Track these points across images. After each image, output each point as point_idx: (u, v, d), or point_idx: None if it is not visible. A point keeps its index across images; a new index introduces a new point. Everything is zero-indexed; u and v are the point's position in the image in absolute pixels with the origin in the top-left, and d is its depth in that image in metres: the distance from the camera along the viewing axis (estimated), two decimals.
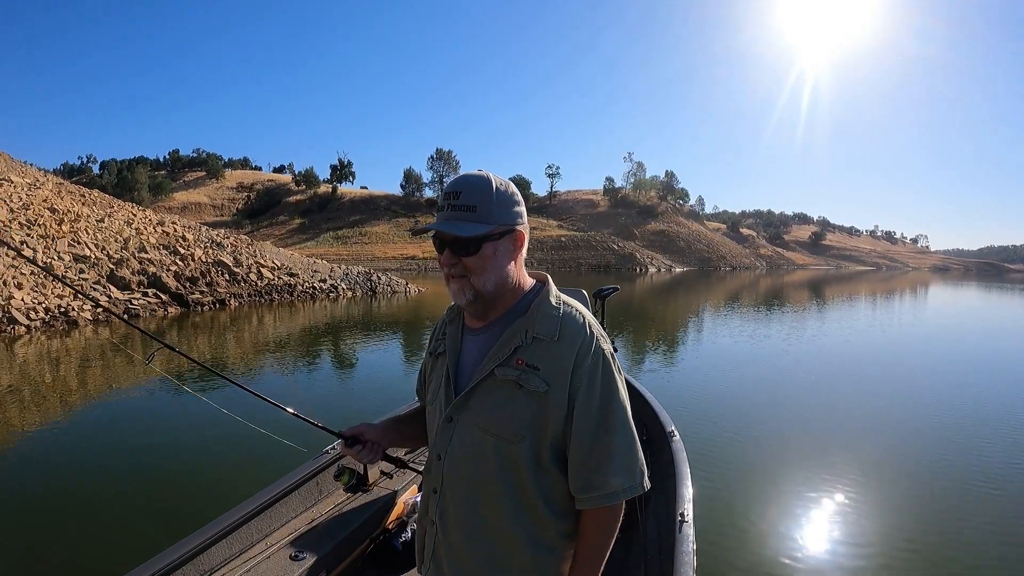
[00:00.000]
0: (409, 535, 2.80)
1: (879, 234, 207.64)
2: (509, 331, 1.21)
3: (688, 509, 2.38)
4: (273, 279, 22.12)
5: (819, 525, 4.36)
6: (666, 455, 3.06)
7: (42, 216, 18.34)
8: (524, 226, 1.24)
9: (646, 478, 1.22)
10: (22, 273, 14.49)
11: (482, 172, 1.22)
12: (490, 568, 1.24)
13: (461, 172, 1.49)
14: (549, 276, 1.31)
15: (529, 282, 1.28)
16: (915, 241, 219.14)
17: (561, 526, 1.23)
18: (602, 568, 1.25)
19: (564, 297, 1.27)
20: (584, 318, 1.23)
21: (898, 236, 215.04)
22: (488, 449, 1.20)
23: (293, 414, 1.67)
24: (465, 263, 1.18)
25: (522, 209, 1.24)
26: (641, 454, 1.22)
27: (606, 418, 1.18)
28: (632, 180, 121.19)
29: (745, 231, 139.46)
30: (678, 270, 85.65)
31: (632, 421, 1.22)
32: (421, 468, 1.59)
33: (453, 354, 1.30)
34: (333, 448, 2.94)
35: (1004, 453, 5.95)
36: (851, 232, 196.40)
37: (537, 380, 1.16)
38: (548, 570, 1.24)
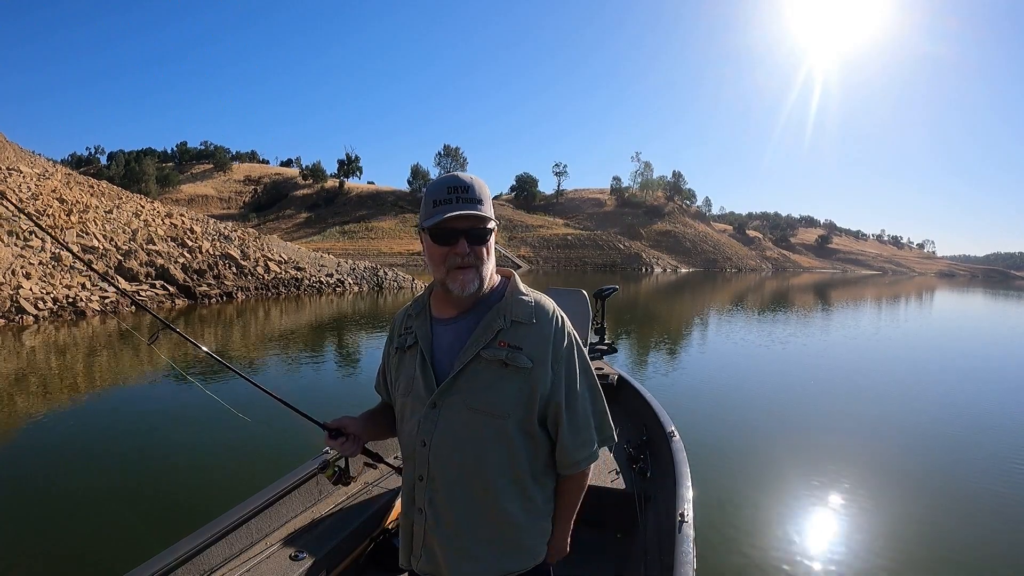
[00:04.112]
0: None
1: (885, 238, 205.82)
2: (489, 316, 1.29)
3: (688, 509, 2.39)
4: (280, 273, 22.21)
5: (819, 525, 4.39)
6: (666, 455, 3.07)
7: (51, 206, 18.45)
8: None
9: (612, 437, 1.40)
10: (31, 263, 14.60)
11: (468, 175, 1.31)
12: (488, 543, 1.30)
13: (468, 169, 1.59)
14: (514, 271, 1.41)
15: (497, 276, 1.38)
16: (921, 246, 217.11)
17: (546, 490, 1.36)
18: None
19: (529, 288, 1.38)
20: (551, 305, 1.35)
21: (904, 241, 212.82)
22: (480, 427, 1.26)
23: (285, 404, 1.73)
24: (477, 251, 1.26)
25: None
26: (610, 417, 1.39)
27: (590, 393, 1.35)
28: (639, 180, 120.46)
29: (752, 233, 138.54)
30: (684, 271, 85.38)
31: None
32: (396, 463, 1.64)
33: (427, 344, 1.34)
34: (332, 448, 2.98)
35: (1005, 457, 5.94)
36: (857, 236, 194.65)
37: (523, 358, 1.26)
38: (537, 533, 1.35)
